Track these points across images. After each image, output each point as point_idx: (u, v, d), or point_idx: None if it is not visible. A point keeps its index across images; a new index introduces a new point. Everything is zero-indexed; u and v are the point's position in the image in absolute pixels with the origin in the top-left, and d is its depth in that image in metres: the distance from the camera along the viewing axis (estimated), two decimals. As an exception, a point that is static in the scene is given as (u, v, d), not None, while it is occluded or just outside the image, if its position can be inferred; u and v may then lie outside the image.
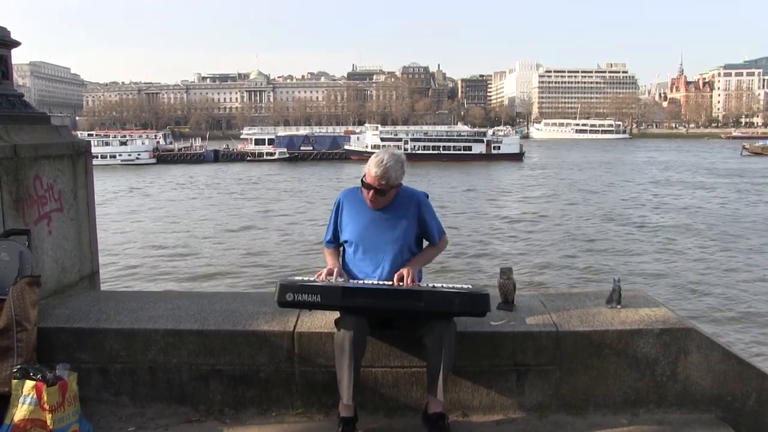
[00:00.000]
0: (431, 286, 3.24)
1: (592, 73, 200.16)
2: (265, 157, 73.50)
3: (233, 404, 3.43)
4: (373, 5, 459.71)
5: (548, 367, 3.37)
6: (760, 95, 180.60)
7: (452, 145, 72.41)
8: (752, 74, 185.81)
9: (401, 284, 3.22)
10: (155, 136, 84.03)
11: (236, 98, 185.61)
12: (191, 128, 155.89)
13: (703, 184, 44.54)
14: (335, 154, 75.30)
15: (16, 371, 2.94)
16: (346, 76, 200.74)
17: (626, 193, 39.03)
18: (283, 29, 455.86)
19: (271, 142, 77.71)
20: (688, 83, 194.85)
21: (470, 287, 3.25)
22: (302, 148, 76.85)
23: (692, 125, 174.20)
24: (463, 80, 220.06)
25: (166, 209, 32.83)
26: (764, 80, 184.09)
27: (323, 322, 3.43)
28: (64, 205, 4.08)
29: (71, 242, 4.16)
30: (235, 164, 69.78)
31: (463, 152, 71.41)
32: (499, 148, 72.76)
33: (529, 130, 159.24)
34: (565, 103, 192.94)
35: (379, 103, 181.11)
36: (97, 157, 57.19)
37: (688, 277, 16.70)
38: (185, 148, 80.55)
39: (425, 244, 3.60)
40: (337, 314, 3.21)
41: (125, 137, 76.46)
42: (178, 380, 3.44)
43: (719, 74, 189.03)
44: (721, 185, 43.11)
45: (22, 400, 2.86)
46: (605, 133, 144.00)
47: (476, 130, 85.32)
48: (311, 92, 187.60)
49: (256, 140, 79.09)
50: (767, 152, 77.37)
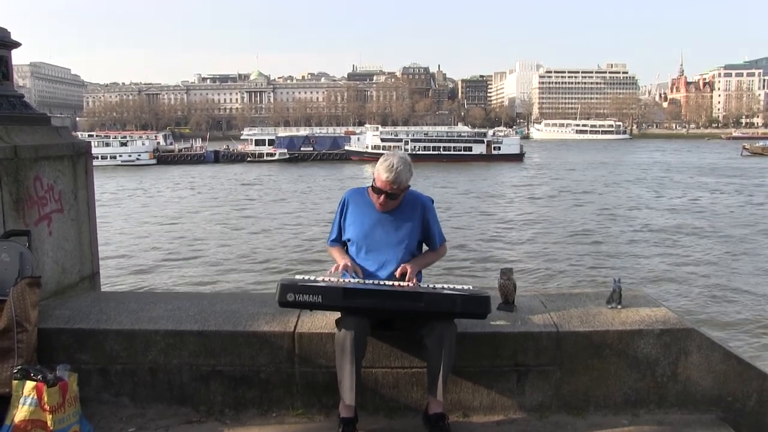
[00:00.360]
0: (432, 287, 3.24)
1: (592, 73, 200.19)
2: (265, 157, 73.56)
3: (234, 405, 3.43)
4: (373, 6, 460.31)
5: (549, 367, 3.37)
6: (760, 96, 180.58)
7: (452, 145, 72.45)
8: (752, 75, 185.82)
9: (402, 283, 3.23)
10: (155, 136, 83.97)
11: (236, 99, 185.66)
12: (191, 129, 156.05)
13: (704, 184, 44.54)
14: (335, 154, 75.34)
15: (16, 372, 2.94)
16: (346, 76, 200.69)
17: (627, 193, 39.02)
18: (283, 30, 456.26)
19: (271, 142, 77.73)
20: (688, 83, 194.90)
21: (471, 288, 3.26)
22: (302, 148, 76.90)
23: (692, 126, 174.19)
24: (463, 81, 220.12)
25: (166, 210, 32.84)
26: (764, 81, 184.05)
27: (324, 322, 3.43)
28: (64, 205, 4.08)
29: (71, 243, 4.16)
30: (235, 165, 69.82)
31: (463, 153, 71.47)
32: (499, 148, 72.78)
33: (529, 130, 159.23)
34: (565, 103, 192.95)
35: (379, 103, 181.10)
36: (97, 157, 57.25)
37: (689, 277, 16.68)
38: (185, 148, 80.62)
39: (425, 249, 3.62)
40: (337, 314, 3.21)
41: (125, 138, 76.52)
42: (178, 381, 3.44)
43: (719, 74, 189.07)
44: (722, 186, 43.10)
45: (22, 400, 2.86)
46: (605, 133, 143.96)
47: (476, 130, 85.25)
48: (311, 93, 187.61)
49: (256, 141, 79.13)
50: (767, 152, 77.38)
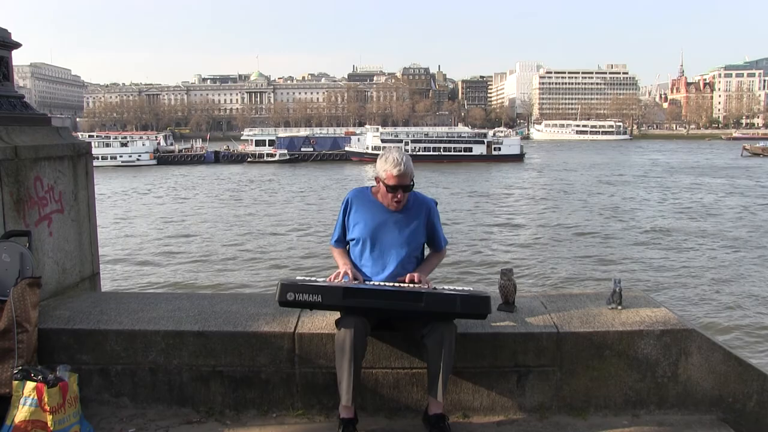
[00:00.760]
0: (432, 287, 3.24)
1: (592, 74, 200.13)
2: (265, 158, 73.59)
3: (234, 405, 3.43)
4: (373, 6, 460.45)
5: (549, 368, 3.37)
6: (760, 96, 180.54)
7: (453, 146, 72.47)
8: (753, 75, 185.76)
9: (406, 285, 3.24)
10: (156, 137, 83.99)
11: (237, 99, 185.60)
12: (192, 129, 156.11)
13: (705, 185, 44.54)
14: (336, 155, 75.36)
15: (16, 372, 2.94)
16: (346, 77, 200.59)
17: (628, 194, 39.00)
18: (283, 30, 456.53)
19: (271, 143, 77.73)
20: (688, 84, 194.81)
21: (471, 289, 3.26)
22: (303, 149, 76.92)
23: (693, 126, 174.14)
24: (463, 81, 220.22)
25: (166, 210, 32.84)
26: (765, 81, 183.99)
27: (324, 323, 3.43)
28: (64, 206, 4.08)
29: (72, 243, 4.16)
30: (235, 165, 69.87)
31: (463, 153, 71.49)
32: (499, 149, 72.81)
33: (529, 131, 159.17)
34: (565, 104, 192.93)
35: (379, 104, 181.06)
36: (97, 158, 57.31)
37: (689, 277, 16.69)
38: (186, 149, 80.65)
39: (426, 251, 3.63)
40: (337, 314, 3.21)
41: (126, 138, 76.52)
42: (178, 381, 3.44)
43: (720, 75, 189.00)
44: (723, 186, 43.10)
45: (22, 401, 2.86)
46: (606, 134, 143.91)
47: (477, 131, 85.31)
48: (312, 93, 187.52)
49: (256, 141, 79.12)
50: (767, 153, 77.39)
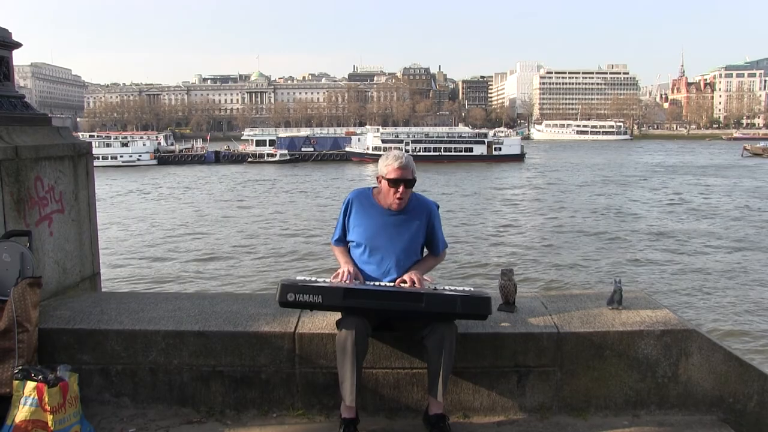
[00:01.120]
0: (433, 288, 3.24)
1: (593, 74, 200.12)
2: (266, 158, 73.57)
3: (234, 405, 3.43)
4: (373, 6, 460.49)
5: (549, 368, 3.37)
6: (761, 96, 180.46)
7: (453, 146, 72.46)
8: (753, 75, 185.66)
9: (405, 285, 3.23)
10: (156, 137, 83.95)
11: (237, 99, 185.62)
12: (192, 129, 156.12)
13: (707, 184, 44.53)
14: (336, 155, 75.34)
15: (17, 372, 2.94)
16: (346, 77, 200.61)
17: (628, 194, 38.99)
18: (283, 30, 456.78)
19: (272, 143, 77.69)
20: (689, 84, 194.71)
21: (471, 289, 3.26)
22: (303, 149, 76.90)
23: (693, 126, 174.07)
24: (464, 81, 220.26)
25: (166, 210, 32.84)
26: (765, 81, 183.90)
27: (324, 323, 3.43)
28: (65, 206, 4.08)
29: (72, 243, 4.16)
30: (236, 165, 69.87)
31: (464, 153, 71.49)
32: (500, 149, 72.79)
33: (530, 131, 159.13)
34: (566, 104, 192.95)
35: (380, 104, 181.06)
36: (98, 158, 57.31)
37: (691, 278, 16.68)
38: (186, 149, 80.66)
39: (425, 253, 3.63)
40: (338, 315, 3.21)
41: (126, 138, 76.55)
42: (179, 381, 3.44)
43: (720, 75, 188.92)
44: (725, 186, 43.09)
45: (23, 401, 2.87)
46: (606, 134, 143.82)
47: (477, 131, 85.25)
48: (312, 93, 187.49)
49: (257, 141, 79.09)
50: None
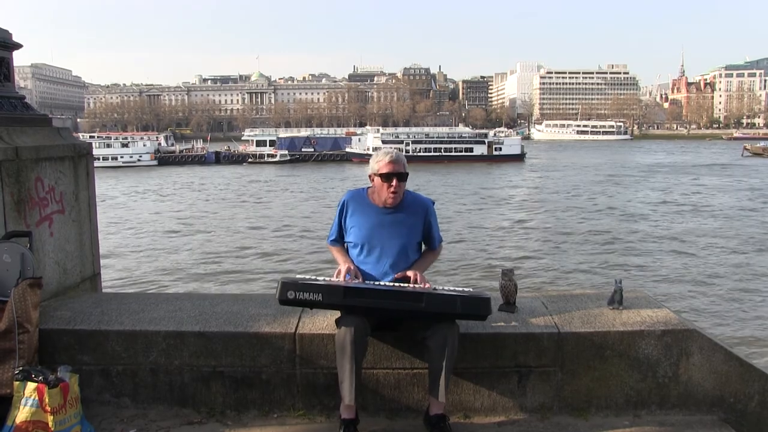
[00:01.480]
0: (433, 288, 3.24)
1: (593, 74, 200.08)
2: (266, 158, 73.58)
3: (235, 406, 3.43)
4: (373, 6, 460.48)
5: (550, 368, 3.37)
6: (761, 96, 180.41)
7: (453, 146, 72.45)
8: (753, 75, 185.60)
9: (408, 285, 3.24)
10: (156, 137, 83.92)
11: (237, 100, 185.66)
12: (192, 130, 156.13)
13: (709, 185, 44.53)
14: (336, 155, 75.34)
15: (17, 373, 2.94)
16: (347, 77, 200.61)
17: (629, 194, 38.99)
18: (283, 30, 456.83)
19: (272, 143, 77.68)
20: (689, 84, 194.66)
21: (471, 290, 3.26)
22: (303, 149, 76.91)
23: (693, 126, 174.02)
24: (464, 81, 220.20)
25: (166, 210, 32.85)
26: (765, 81, 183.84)
27: (325, 323, 3.43)
28: (65, 206, 4.08)
29: (73, 244, 4.16)
30: (236, 166, 69.88)
31: (464, 154, 71.46)
32: (500, 149, 72.79)
33: (530, 131, 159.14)
34: (566, 104, 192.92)
35: (380, 104, 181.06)
36: (98, 159, 57.29)
37: (691, 278, 16.66)
38: (186, 149, 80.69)
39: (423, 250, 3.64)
40: (338, 314, 3.21)
41: (126, 139, 76.57)
42: (179, 382, 3.44)
43: (720, 75, 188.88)
44: (727, 186, 43.08)
45: (23, 401, 2.86)
46: (606, 134, 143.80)
47: (477, 131, 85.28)
48: (312, 94, 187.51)
49: (257, 142, 79.08)
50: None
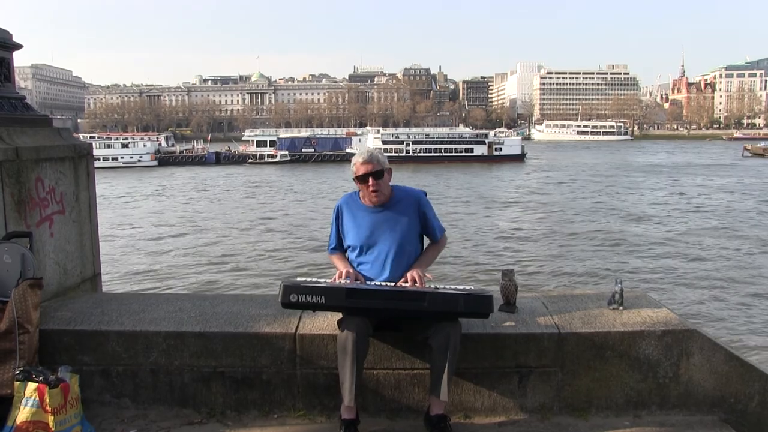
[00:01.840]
0: (434, 287, 3.24)
1: (593, 74, 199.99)
2: (266, 159, 73.59)
3: (235, 406, 3.43)
4: (373, 7, 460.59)
5: (550, 368, 3.37)
6: (761, 96, 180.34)
7: (454, 147, 72.43)
8: (754, 75, 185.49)
9: (407, 285, 3.23)
10: (157, 138, 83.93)
11: (237, 100, 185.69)
12: (193, 130, 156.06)
13: (710, 185, 44.53)
14: (337, 156, 75.31)
15: (18, 373, 2.94)
16: (347, 77, 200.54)
17: (628, 194, 38.99)
18: (283, 31, 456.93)
19: (272, 144, 77.71)
20: (689, 84, 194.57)
21: (473, 288, 3.26)
22: (304, 150, 76.91)
23: (694, 126, 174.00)
24: (464, 82, 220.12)
25: (167, 211, 32.85)
26: (766, 81, 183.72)
27: (325, 324, 3.43)
28: (65, 207, 4.08)
29: (73, 244, 4.16)
30: (237, 166, 69.90)
31: (464, 154, 71.43)
32: (500, 149, 72.76)
33: (530, 131, 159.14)
34: (566, 104, 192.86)
35: (380, 105, 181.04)
36: (98, 159, 57.30)
37: (692, 278, 16.66)
38: (187, 150, 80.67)
39: (426, 242, 3.62)
40: (338, 315, 3.21)
41: (127, 139, 76.59)
42: (180, 382, 3.44)
43: (721, 75, 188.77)
44: (728, 186, 43.08)
45: (24, 402, 2.87)
46: (607, 134, 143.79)
47: (478, 131, 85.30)
48: (312, 94, 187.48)
49: (257, 142, 79.13)
50: (768, 153, 77.44)
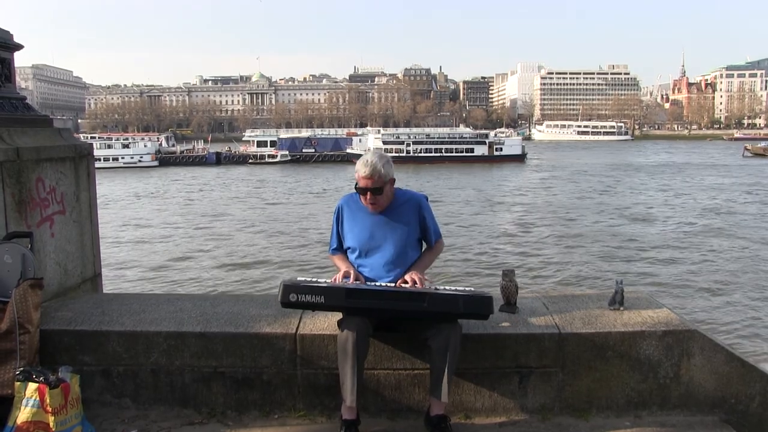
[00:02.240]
0: (434, 287, 3.24)
1: (593, 74, 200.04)
2: (267, 159, 73.61)
3: (236, 406, 3.43)
4: (374, 7, 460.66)
5: (551, 369, 3.37)
6: (762, 96, 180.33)
7: (454, 147, 72.42)
8: (754, 75, 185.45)
9: (407, 285, 3.23)
10: (157, 138, 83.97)
11: (238, 101, 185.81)
12: (193, 131, 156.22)
13: (709, 184, 44.52)
14: (337, 156, 75.34)
15: (18, 374, 2.94)
16: (347, 78, 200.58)
17: (629, 194, 38.99)
18: (284, 31, 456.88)
19: (273, 144, 77.73)
20: (690, 84, 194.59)
21: (473, 289, 3.26)
22: (304, 150, 76.96)
23: (694, 127, 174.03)
24: (464, 82, 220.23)
25: (168, 211, 32.87)
26: (766, 81, 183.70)
27: (325, 324, 3.43)
28: (66, 207, 4.08)
29: (73, 244, 4.16)
30: (237, 167, 69.91)
31: (465, 154, 71.42)
32: (501, 149, 72.75)
33: (531, 131, 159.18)
34: (567, 104, 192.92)
35: (380, 105, 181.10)
36: (99, 159, 57.32)
37: (693, 278, 16.65)
38: (187, 150, 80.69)
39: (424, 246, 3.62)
40: (339, 315, 3.21)
41: (127, 140, 76.61)
42: (180, 382, 3.44)
43: (721, 75, 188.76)
44: (730, 186, 43.07)
45: (24, 402, 2.86)
46: (607, 134, 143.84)
47: (478, 132, 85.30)
48: (313, 94, 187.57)
49: (258, 142, 79.16)
50: (769, 153, 77.42)
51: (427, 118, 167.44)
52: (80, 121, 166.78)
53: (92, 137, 76.31)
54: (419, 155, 67.74)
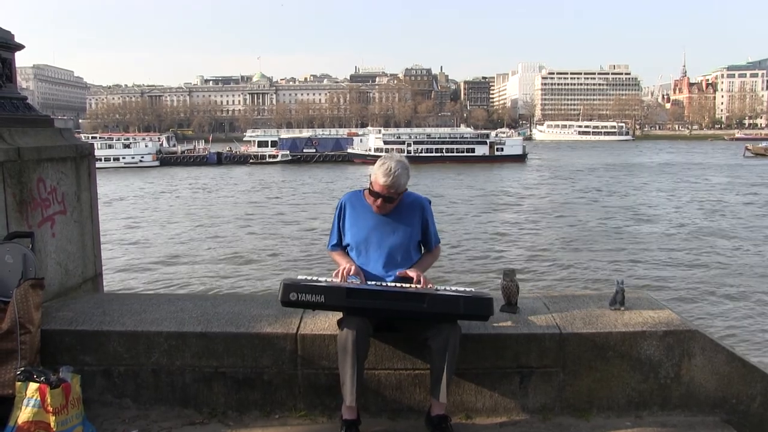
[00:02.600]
0: (435, 288, 3.24)
1: (594, 74, 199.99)
2: (268, 159, 73.64)
3: (236, 406, 3.44)
4: (375, 7, 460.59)
5: (552, 369, 3.37)
6: (763, 96, 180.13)
7: (455, 147, 72.44)
8: (756, 75, 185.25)
9: (410, 285, 3.23)
10: (158, 138, 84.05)
11: (239, 101, 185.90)
12: (194, 131, 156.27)
13: (710, 184, 44.48)
14: (338, 156, 75.37)
15: (19, 374, 2.94)
16: (348, 78, 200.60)
17: (629, 194, 38.96)
18: (285, 31, 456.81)
19: (274, 144, 77.73)
20: (691, 85, 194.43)
21: (474, 290, 3.26)
22: (305, 150, 76.98)
23: (695, 127, 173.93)
24: (465, 82, 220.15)
25: (169, 211, 32.87)
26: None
27: (326, 324, 3.43)
28: (67, 207, 4.09)
29: (74, 244, 4.17)
30: (238, 167, 69.93)
31: (466, 154, 71.43)
32: (502, 149, 72.76)
33: (531, 131, 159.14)
34: (567, 104, 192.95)
35: (381, 105, 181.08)
36: (100, 159, 57.40)
37: (694, 278, 16.64)
38: (188, 150, 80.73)
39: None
40: (339, 315, 3.21)
41: (128, 140, 76.62)
42: (181, 382, 3.44)
43: (722, 75, 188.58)
44: (729, 186, 43.04)
45: (25, 402, 2.87)
46: (608, 134, 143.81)
47: (479, 132, 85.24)
48: (314, 94, 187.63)
49: (259, 142, 79.14)
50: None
51: (428, 118, 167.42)
52: (81, 121, 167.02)
53: (93, 137, 76.36)
54: (420, 155, 67.70)
